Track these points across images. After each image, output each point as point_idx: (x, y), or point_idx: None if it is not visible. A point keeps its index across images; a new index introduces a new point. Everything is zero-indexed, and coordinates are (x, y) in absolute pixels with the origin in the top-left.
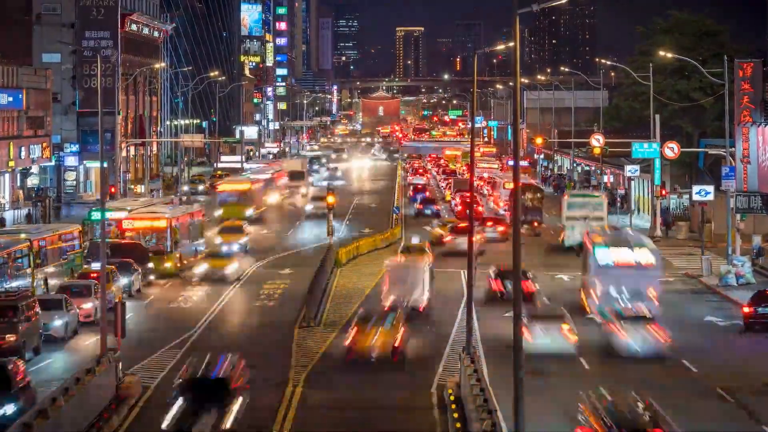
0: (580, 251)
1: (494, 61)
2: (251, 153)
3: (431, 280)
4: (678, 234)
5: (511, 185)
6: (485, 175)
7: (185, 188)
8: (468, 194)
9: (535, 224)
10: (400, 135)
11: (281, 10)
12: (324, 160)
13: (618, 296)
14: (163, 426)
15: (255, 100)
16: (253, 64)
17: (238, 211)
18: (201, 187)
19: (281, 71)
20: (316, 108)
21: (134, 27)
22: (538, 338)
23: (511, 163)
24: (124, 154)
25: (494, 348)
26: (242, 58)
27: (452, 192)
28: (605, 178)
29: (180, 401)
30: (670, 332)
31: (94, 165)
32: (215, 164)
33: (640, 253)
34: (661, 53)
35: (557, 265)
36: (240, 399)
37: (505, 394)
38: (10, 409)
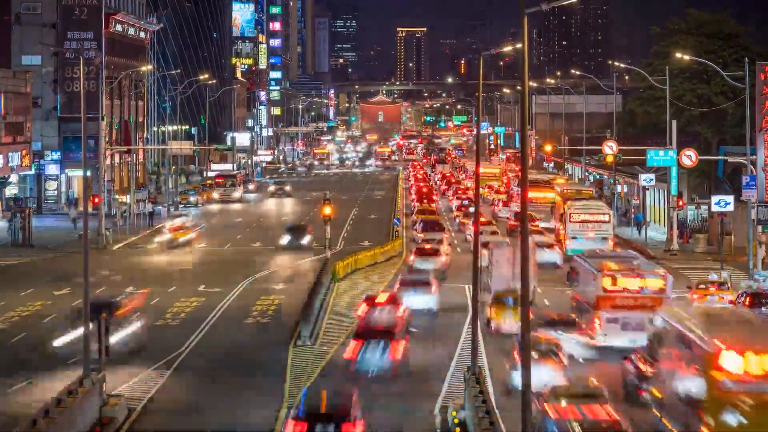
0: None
1: (501, 63)
2: (242, 161)
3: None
4: (696, 247)
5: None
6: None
7: (177, 200)
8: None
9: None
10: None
11: (275, 10)
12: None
13: None
14: None
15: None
16: (246, 66)
17: None
18: (193, 199)
19: (275, 74)
20: (312, 113)
21: (119, 27)
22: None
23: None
24: (108, 162)
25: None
26: (234, 60)
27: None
28: (618, 188)
29: None
30: None
31: (77, 174)
32: (205, 172)
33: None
34: (678, 55)
35: None
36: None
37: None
38: None
